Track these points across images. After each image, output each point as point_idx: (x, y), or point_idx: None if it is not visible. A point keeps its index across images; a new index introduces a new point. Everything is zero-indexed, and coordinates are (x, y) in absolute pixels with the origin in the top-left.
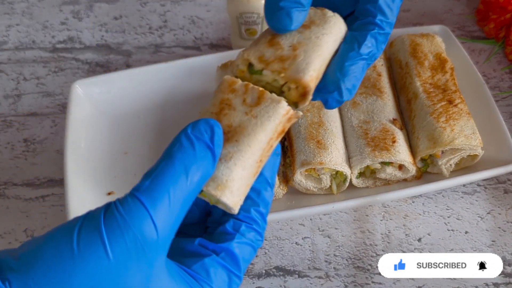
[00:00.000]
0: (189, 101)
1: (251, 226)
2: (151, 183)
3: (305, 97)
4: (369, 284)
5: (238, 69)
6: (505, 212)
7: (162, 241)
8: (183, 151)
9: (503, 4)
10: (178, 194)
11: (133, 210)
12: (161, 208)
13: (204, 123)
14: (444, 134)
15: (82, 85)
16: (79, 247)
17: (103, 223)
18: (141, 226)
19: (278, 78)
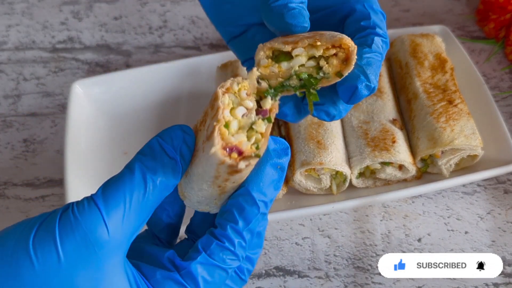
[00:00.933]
0: (189, 101)
1: (223, 245)
2: (109, 187)
3: (349, 60)
4: (369, 284)
5: (261, 65)
6: (505, 212)
7: (115, 243)
8: (144, 159)
9: (503, 4)
10: (134, 199)
11: (87, 211)
12: (115, 211)
13: (175, 130)
14: (444, 134)
15: (82, 85)
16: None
17: (57, 224)
18: (92, 226)
19: (313, 51)
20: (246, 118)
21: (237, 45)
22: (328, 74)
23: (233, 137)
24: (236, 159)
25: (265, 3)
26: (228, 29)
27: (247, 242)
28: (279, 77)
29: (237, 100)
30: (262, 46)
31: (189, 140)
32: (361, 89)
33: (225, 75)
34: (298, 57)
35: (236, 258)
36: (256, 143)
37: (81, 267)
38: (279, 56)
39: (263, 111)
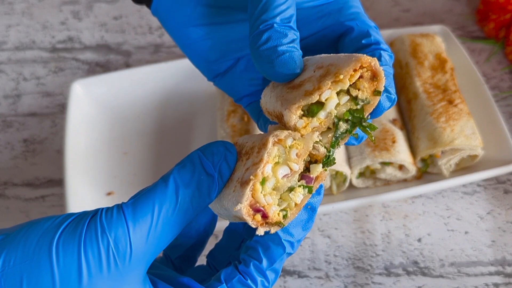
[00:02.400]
0: (189, 101)
1: (245, 282)
2: (140, 198)
3: (378, 74)
4: (369, 284)
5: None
6: (505, 212)
7: (138, 257)
8: (182, 172)
9: (503, 4)
10: (163, 213)
11: (114, 221)
12: (141, 222)
13: (217, 146)
14: (444, 134)
15: (82, 85)
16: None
17: (85, 229)
18: (115, 236)
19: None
20: (286, 180)
21: (225, 82)
22: (367, 98)
23: (264, 197)
24: (258, 223)
25: (254, 46)
26: (212, 68)
27: (270, 282)
28: (324, 129)
29: (284, 157)
30: (289, 111)
31: (231, 158)
32: (382, 102)
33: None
34: (330, 100)
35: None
36: (285, 210)
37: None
38: (311, 108)
39: (309, 178)
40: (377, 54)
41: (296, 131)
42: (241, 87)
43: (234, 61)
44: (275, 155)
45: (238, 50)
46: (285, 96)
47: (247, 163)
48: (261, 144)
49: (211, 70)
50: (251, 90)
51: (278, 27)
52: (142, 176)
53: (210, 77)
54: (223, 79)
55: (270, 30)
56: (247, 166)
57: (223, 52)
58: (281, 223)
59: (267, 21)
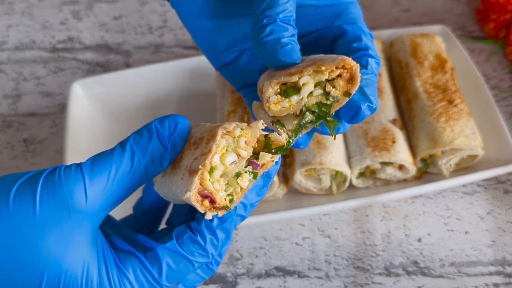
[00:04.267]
0: (189, 101)
1: (195, 238)
2: (98, 158)
3: (355, 78)
4: (369, 284)
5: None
6: (505, 212)
7: (91, 213)
8: (138, 140)
9: (503, 4)
10: (119, 175)
11: (71, 176)
12: (97, 181)
13: (171, 119)
14: (444, 134)
15: (82, 85)
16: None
17: (41, 181)
18: (71, 190)
19: (319, 76)
20: (234, 166)
21: (230, 72)
22: (337, 97)
23: (212, 184)
24: (206, 208)
25: (257, 37)
26: (219, 58)
27: (220, 241)
28: (290, 112)
29: (233, 146)
30: (269, 83)
31: (185, 133)
32: (363, 110)
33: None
34: (306, 86)
35: (205, 254)
36: (231, 195)
37: (53, 227)
38: (287, 90)
39: (255, 164)
40: (365, 60)
41: (268, 104)
42: (243, 78)
43: (239, 53)
44: (223, 146)
45: (243, 42)
46: (274, 73)
47: (195, 152)
48: (210, 135)
49: (218, 60)
50: (251, 81)
51: (281, 22)
52: None
53: (217, 66)
54: (228, 69)
55: (273, 24)
56: (195, 156)
57: (229, 43)
58: (227, 207)
59: (271, 16)
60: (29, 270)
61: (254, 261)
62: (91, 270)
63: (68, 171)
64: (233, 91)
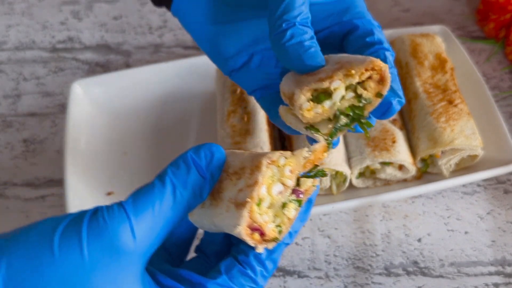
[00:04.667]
0: (189, 101)
1: (245, 271)
2: (139, 196)
3: (385, 80)
4: (369, 284)
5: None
6: (505, 212)
7: (140, 253)
8: (177, 172)
9: (503, 4)
10: (163, 211)
11: (116, 217)
12: (143, 219)
13: (206, 148)
14: (444, 134)
15: (82, 85)
16: (60, 243)
17: (85, 225)
18: (119, 232)
19: (349, 79)
20: (280, 196)
21: (241, 77)
22: (369, 98)
23: (260, 216)
24: (256, 241)
25: (278, 43)
26: (229, 64)
27: (269, 272)
28: (324, 117)
29: (278, 175)
30: (300, 91)
31: (222, 161)
32: (394, 106)
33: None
34: (337, 90)
35: (256, 286)
36: (279, 226)
37: (103, 271)
38: (319, 96)
39: (298, 191)
40: (382, 54)
41: (301, 111)
42: (255, 81)
43: (248, 56)
44: (269, 176)
45: (252, 46)
46: (301, 79)
47: (238, 183)
48: (253, 166)
49: (228, 66)
50: (265, 84)
51: (299, 25)
52: (142, 176)
53: (226, 72)
54: (239, 73)
55: (293, 28)
56: (239, 187)
57: (238, 48)
58: (277, 238)
59: (289, 20)
60: None
61: None
62: None
63: (111, 212)
64: (233, 91)
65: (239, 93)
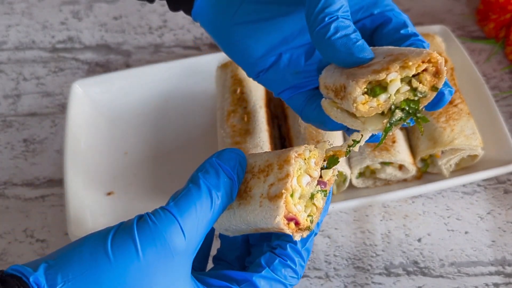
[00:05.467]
0: (189, 101)
1: (285, 262)
2: (180, 199)
3: (440, 72)
4: (369, 284)
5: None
6: (505, 212)
7: (189, 251)
8: (207, 176)
9: (503, 4)
10: (203, 211)
11: (164, 219)
12: (189, 218)
13: (228, 153)
14: (444, 134)
15: (82, 85)
16: (113, 249)
17: (135, 229)
18: (171, 233)
19: (406, 71)
20: (309, 187)
21: (269, 78)
22: (425, 92)
23: (294, 206)
24: (293, 230)
25: (323, 37)
26: (257, 65)
27: (305, 261)
28: (378, 111)
29: (304, 167)
30: (356, 83)
31: (244, 163)
32: (446, 96)
33: (225, 75)
34: (394, 82)
35: (296, 276)
36: (310, 215)
37: (159, 271)
38: (373, 89)
39: (323, 182)
40: (420, 47)
41: (355, 104)
42: (283, 81)
43: (277, 56)
44: (297, 168)
45: (282, 45)
46: (353, 71)
47: (267, 179)
48: (281, 161)
49: (256, 67)
50: (294, 83)
51: (342, 19)
52: (142, 176)
53: (254, 74)
54: (266, 74)
55: (336, 22)
56: (269, 182)
57: (267, 48)
58: (309, 227)
59: (332, 13)
60: None
61: None
62: None
63: (158, 215)
64: (233, 91)
65: (239, 93)
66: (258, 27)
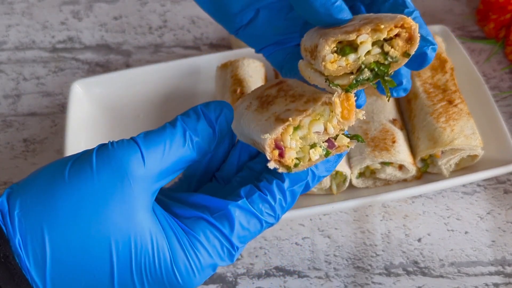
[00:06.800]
0: (189, 101)
1: (265, 197)
2: (150, 133)
3: (414, 38)
4: (369, 284)
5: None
6: (505, 212)
7: (150, 179)
8: (187, 120)
9: (503, 4)
10: (173, 148)
11: (125, 146)
12: (154, 150)
13: (216, 103)
14: (444, 134)
15: (82, 85)
16: (70, 173)
17: (95, 153)
18: (129, 158)
19: (377, 34)
20: (316, 136)
21: (248, 35)
22: (396, 57)
23: (290, 140)
24: (273, 157)
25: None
26: (234, 21)
27: (288, 203)
28: (347, 71)
29: (326, 117)
30: (325, 41)
31: (230, 118)
32: (429, 54)
33: (225, 75)
34: (364, 44)
35: (273, 215)
36: (299, 160)
37: (114, 194)
38: (343, 49)
39: (332, 143)
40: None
41: (323, 62)
42: (264, 37)
43: (255, 12)
44: (319, 112)
45: (258, 0)
46: (327, 31)
47: (290, 104)
48: (312, 97)
49: (234, 23)
50: (274, 40)
51: None
52: None
53: (233, 30)
54: (246, 31)
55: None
56: (289, 107)
57: (244, 3)
58: (290, 168)
59: None
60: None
61: (254, 261)
62: (160, 241)
63: (120, 143)
64: (233, 91)
65: (239, 93)
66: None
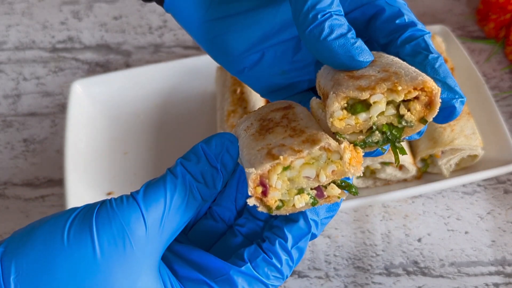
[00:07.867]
0: (189, 101)
1: (269, 260)
2: (150, 186)
3: (434, 104)
4: (369, 284)
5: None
6: (505, 212)
7: (153, 240)
8: (186, 164)
9: (503, 4)
10: (175, 201)
11: (125, 205)
12: (154, 208)
13: (217, 139)
14: (444, 134)
15: (82, 85)
16: (69, 236)
17: (95, 215)
18: (129, 219)
19: (393, 95)
20: (305, 181)
21: (251, 77)
22: (411, 122)
23: (276, 180)
24: (255, 194)
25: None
26: (237, 63)
27: (294, 261)
28: (356, 130)
29: (321, 164)
30: (335, 96)
31: (232, 150)
32: (458, 108)
33: (225, 75)
34: (377, 104)
35: (281, 276)
36: (282, 202)
37: (117, 261)
38: (355, 106)
39: (321, 192)
40: (423, 43)
41: (331, 119)
42: (269, 81)
43: (260, 53)
44: (312, 157)
45: (263, 41)
46: (340, 80)
47: (287, 139)
48: (311, 138)
49: (235, 65)
50: (282, 84)
51: (336, 16)
52: (142, 176)
53: (234, 71)
54: (250, 73)
55: (330, 19)
56: (285, 142)
57: (247, 45)
58: (271, 209)
59: (324, 10)
60: None
61: None
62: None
63: (120, 202)
64: (233, 91)
65: (239, 93)
66: (235, 21)
